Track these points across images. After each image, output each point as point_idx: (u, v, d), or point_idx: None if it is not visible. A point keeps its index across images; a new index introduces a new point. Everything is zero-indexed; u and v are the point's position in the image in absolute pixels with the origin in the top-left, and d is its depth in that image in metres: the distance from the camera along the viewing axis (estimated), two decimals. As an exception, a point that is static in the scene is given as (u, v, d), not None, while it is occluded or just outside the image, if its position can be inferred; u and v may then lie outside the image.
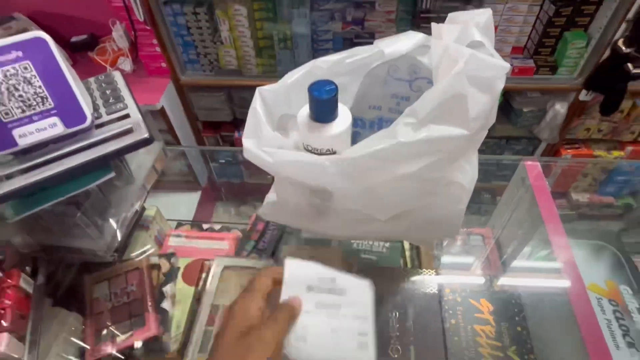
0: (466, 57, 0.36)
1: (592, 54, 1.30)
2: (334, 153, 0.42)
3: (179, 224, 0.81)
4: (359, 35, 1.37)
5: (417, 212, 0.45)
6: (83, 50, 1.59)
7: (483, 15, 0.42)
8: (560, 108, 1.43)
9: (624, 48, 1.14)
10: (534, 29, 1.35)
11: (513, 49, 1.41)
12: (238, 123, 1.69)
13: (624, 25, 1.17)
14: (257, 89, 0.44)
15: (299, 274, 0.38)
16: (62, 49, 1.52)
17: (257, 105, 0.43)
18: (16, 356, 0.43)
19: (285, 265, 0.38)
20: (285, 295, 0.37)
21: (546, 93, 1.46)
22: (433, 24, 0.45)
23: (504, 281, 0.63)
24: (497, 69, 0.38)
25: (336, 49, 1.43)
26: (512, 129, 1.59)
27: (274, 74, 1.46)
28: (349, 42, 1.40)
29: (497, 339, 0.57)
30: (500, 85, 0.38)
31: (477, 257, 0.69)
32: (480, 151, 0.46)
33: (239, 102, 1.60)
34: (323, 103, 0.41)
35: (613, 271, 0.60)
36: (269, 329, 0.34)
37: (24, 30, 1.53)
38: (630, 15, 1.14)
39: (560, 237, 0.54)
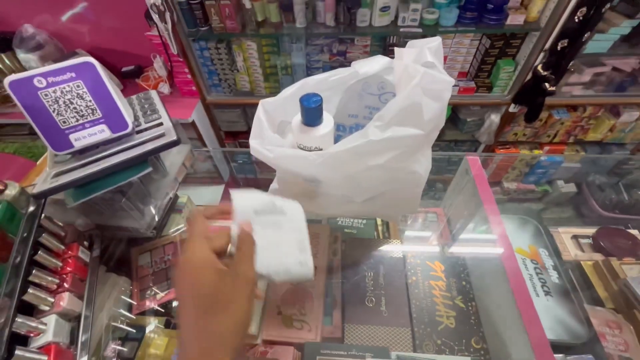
0: (421, 73, 0.35)
1: (518, 76, 1.29)
2: (321, 150, 0.41)
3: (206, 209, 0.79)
4: (342, 64, 1.35)
5: (385, 194, 0.44)
6: (131, 78, 1.55)
7: (434, 42, 0.41)
8: (494, 118, 1.42)
9: (542, 71, 1.14)
10: (474, 58, 1.34)
11: (459, 74, 1.40)
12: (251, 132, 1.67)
13: (542, 54, 1.16)
14: (260, 102, 0.43)
15: (245, 203, 0.36)
16: (111, 74, 1.49)
17: (260, 114, 0.42)
18: (76, 310, 0.42)
19: (233, 198, 0.35)
20: (237, 221, 0.34)
21: (484, 106, 1.45)
22: (395, 49, 0.44)
23: (453, 248, 0.62)
24: (445, 83, 0.37)
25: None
26: (458, 134, 1.59)
27: (277, 94, 1.44)
28: (335, 69, 1.38)
29: (447, 291, 0.57)
30: (447, 95, 0.37)
31: (432, 230, 0.69)
32: (434, 151, 0.45)
33: (251, 116, 1.57)
34: (311, 110, 0.40)
35: (534, 238, 0.59)
36: (243, 263, 0.29)
37: (85, 62, 1.50)
38: (547, 46, 1.13)
39: (494, 213, 0.53)
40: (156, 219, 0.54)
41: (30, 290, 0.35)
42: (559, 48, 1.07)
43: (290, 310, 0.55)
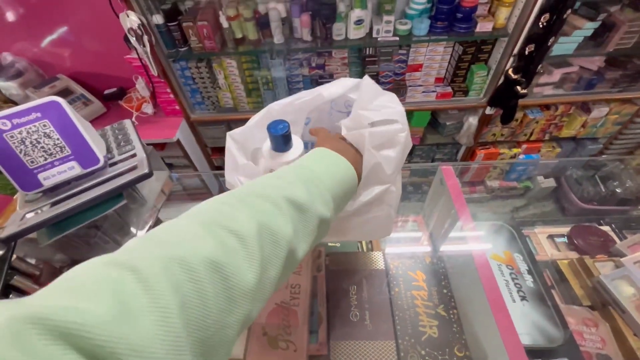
0: (367, 136, 0.36)
1: (491, 80, 1.32)
2: (292, 174, 0.41)
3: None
4: (322, 76, 1.36)
5: (360, 222, 0.44)
6: (114, 100, 1.54)
7: (363, 82, 0.44)
8: (472, 120, 1.45)
9: (513, 75, 1.16)
10: (449, 64, 1.37)
11: (436, 79, 1.43)
12: (238, 147, 1.66)
13: (512, 59, 1.19)
14: (228, 134, 0.43)
15: None
16: (92, 98, 1.47)
17: (230, 146, 0.42)
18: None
19: None
20: None
21: (462, 110, 1.48)
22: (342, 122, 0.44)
23: (433, 256, 0.62)
24: (391, 134, 0.37)
25: (306, 87, 1.42)
26: (439, 137, 1.61)
27: (261, 108, 1.44)
28: (315, 82, 1.39)
29: (429, 300, 0.57)
30: (403, 134, 0.38)
31: (413, 239, 0.69)
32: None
33: (237, 131, 1.57)
34: (278, 138, 0.40)
35: (509, 243, 0.60)
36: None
37: (66, 88, 1.47)
38: (515, 51, 1.16)
39: (468, 222, 0.53)
40: (135, 249, 0.53)
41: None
42: (526, 52, 1.10)
43: (275, 331, 0.54)
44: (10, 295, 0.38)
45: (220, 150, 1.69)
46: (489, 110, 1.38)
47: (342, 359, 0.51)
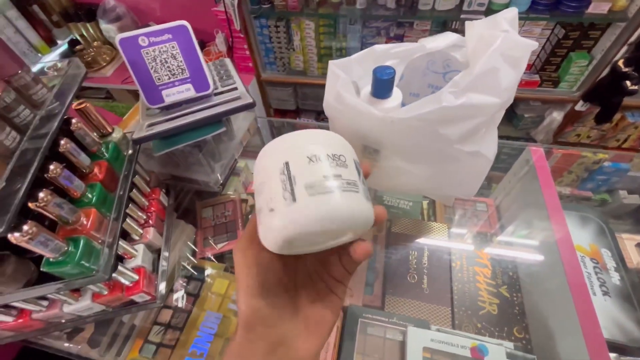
0: (501, 37, 0.34)
1: (591, 72, 1.17)
2: (388, 122, 0.42)
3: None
4: (398, 48, 1.31)
5: (447, 172, 0.44)
6: (194, 52, 1.64)
7: (510, 12, 0.39)
8: (557, 115, 1.31)
9: (623, 67, 1.02)
10: (543, 49, 1.23)
11: (522, 65, 1.30)
12: (300, 111, 1.70)
13: (624, 48, 1.04)
14: (330, 62, 0.43)
15: None
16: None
17: (334, 69, 0.42)
18: (157, 244, 0.47)
19: None
20: None
21: (546, 102, 1.34)
22: (467, 22, 0.42)
23: (502, 237, 0.60)
24: (525, 48, 0.35)
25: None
26: (512, 130, 1.49)
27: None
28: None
29: (492, 279, 0.56)
30: (524, 63, 0.36)
31: (481, 219, 0.67)
32: None
33: (302, 96, 1.60)
34: (383, 82, 0.40)
35: (596, 237, 0.55)
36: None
37: (156, 34, 1.60)
38: (632, 39, 1.01)
39: (556, 206, 0.50)
40: (222, 176, 0.59)
41: (127, 220, 0.41)
42: (647, 41, 0.95)
43: (334, 275, 0.58)
44: (133, 190, 0.44)
45: (283, 113, 1.74)
46: (580, 106, 1.23)
47: (396, 313, 0.53)
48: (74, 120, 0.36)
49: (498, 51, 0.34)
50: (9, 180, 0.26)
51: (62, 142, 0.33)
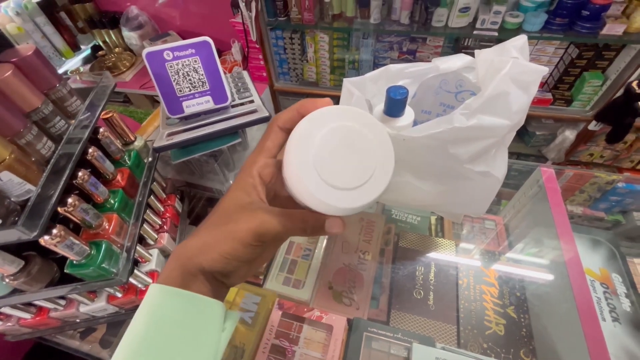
0: (510, 63, 0.35)
1: (605, 92, 1.16)
2: (399, 141, 0.43)
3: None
4: (410, 62, 1.33)
5: (457, 191, 0.44)
6: (210, 60, 1.69)
7: (519, 40, 0.40)
8: (569, 134, 1.30)
9: (637, 89, 1.01)
10: (556, 68, 1.24)
11: (535, 83, 1.30)
12: (310, 121, 1.72)
13: (639, 71, 1.04)
14: (345, 79, 0.44)
15: None
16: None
17: (349, 87, 0.44)
18: (170, 249, 0.49)
19: None
20: None
21: (559, 120, 1.33)
22: (476, 50, 0.44)
23: (511, 257, 0.60)
24: (535, 73, 0.36)
25: (390, 72, 1.40)
26: (523, 147, 1.48)
27: (341, 88, 1.47)
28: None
29: (499, 299, 0.55)
30: (535, 88, 0.36)
31: (489, 237, 0.67)
32: None
33: (313, 106, 1.63)
34: (396, 102, 0.41)
35: (607, 262, 0.55)
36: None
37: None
38: (648, 61, 1.00)
39: (565, 228, 0.50)
40: (235, 185, 0.61)
41: (144, 225, 0.42)
42: (663, 64, 0.95)
43: (340, 287, 0.58)
44: (151, 196, 0.46)
45: (293, 122, 1.77)
46: (593, 126, 1.22)
47: (401, 328, 0.53)
48: (101, 130, 0.39)
49: (508, 75, 0.36)
50: (44, 186, 0.28)
51: (91, 150, 0.35)
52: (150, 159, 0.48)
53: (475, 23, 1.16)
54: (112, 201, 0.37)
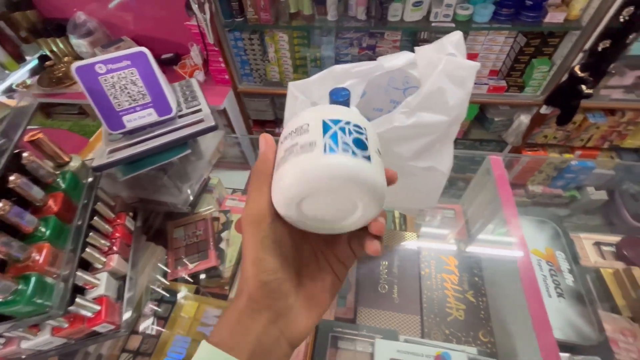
0: (445, 59, 0.36)
1: (553, 77, 1.23)
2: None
3: (234, 190, 0.84)
4: (371, 57, 1.34)
5: (406, 187, 0.45)
6: (169, 65, 1.62)
7: (455, 36, 0.41)
8: (524, 119, 1.37)
9: (579, 73, 1.08)
10: (507, 56, 1.29)
11: (490, 72, 1.36)
12: (278, 121, 1.70)
13: (581, 55, 1.10)
14: (290, 83, 0.44)
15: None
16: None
17: (294, 92, 0.43)
18: (122, 270, 0.47)
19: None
20: None
21: (514, 106, 1.40)
22: (416, 48, 0.45)
23: (468, 244, 0.62)
24: (468, 69, 0.37)
25: (353, 68, 1.41)
26: (484, 133, 1.54)
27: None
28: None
29: (459, 285, 0.57)
30: (471, 83, 0.38)
31: (449, 226, 0.69)
32: (458, 149, 0.46)
33: (279, 105, 1.61)
34: (338, 104, 0.42)
35: (552, 241, 0.58)
36: None
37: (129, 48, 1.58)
38: (587, 46, 1.07)
39: (513, 214, 0.53)
40: (191, 196, 0.59)
41: (87, 250, 0.40)
42: (599, 49, 1.01)
43: (307, 290, 0.58)
44: (94, 218, 0.44)
45: (262, 124, 1.75)
46: (544, 110, 1.29)
47: (367, 324, 0.54)
48: (25, 154, 0.36)
49: (443, 72, 0.37)
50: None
51: (12, 177, 0.32)
52: (90, 179, 0.45)
53: (429, 16, 1.19)
54: (43, 229, 0.34)
